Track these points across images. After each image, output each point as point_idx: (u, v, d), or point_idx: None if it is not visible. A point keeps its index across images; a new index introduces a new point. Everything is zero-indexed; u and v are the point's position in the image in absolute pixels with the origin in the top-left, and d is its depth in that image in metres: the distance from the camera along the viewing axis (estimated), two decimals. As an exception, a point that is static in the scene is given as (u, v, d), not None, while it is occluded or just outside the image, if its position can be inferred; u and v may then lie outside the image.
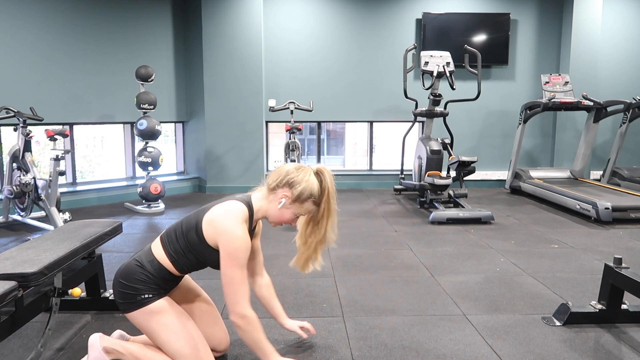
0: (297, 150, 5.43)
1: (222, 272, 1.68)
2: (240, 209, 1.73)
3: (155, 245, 1.83)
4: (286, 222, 1.82)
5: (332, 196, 1.79)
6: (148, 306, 1.72)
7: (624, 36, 6.69)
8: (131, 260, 1.80)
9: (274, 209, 1.79)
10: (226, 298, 1.70)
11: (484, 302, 2.64)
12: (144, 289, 1.73)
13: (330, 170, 1.80)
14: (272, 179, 1.79)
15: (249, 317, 1.71)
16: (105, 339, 1.83)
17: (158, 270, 1.76)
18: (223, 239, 1.67)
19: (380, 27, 6.56)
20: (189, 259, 1.78)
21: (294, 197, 1.75)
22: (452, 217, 4.55)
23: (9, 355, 2.06)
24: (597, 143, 6.76)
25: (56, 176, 4.12)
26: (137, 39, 5.82)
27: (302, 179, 1.75)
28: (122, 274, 1.77)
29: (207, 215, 1.74)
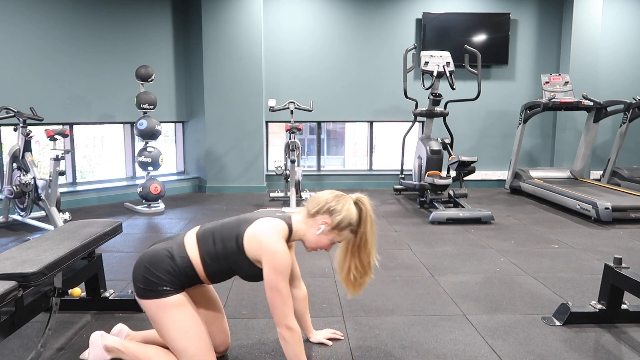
0: (297, 150, 5.43)
1: (269, 286, 1.69)
2: (282, 227, 1.77)
3: (189, 242, 1.82)
4: (322, 248, 1.84)
5: (373, 225, 1.81)
6: (166, 298, 1.73)
7: (624, 36, 6.69)
8: (161, 249, 1.79)
9: (312, 234, 1.80)
10: (274, 311, 1.71)
11: (484, 302, 2.64)
12: (167, 280, 1.73)
13: (369, 200, 1.83)
14: (313, 205, 1.81)
15: (295, 330, 1.73)
16: (106, 337, 1.84)
17: (187, 268, 1.77)
18: (268, 255, 1.69)
19: (380, 27, 6.56)
20: (221, 265, 1.78)
21: (333, 224, 1.77)
22: (452, 217, 4.55)
23: (9, 355, 2.06)
24: (597, 143, 6.76)
25: (56, 176, 4.12)
26: (137, 39, 5.82)
27: (342, 207, 1.78)
28: (149, 260, 1.77)
29: (251, 228, 1.76)
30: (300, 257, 2.00)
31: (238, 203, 5.60)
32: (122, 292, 2.64)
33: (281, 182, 6.34)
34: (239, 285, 2.90)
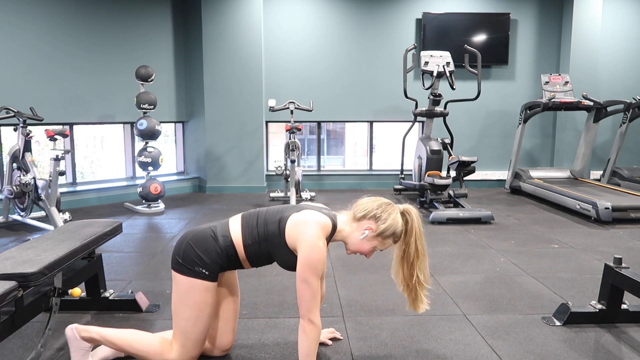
0: (297, 150, 5.43)
1: (300, 278, 1.70)
2: (327, 223, 1.77)
3: (234, 222, 1.85)
4: (363, 253, 1.84)
5: (419, 237, 1.80)
6: (199, 281, 1.76)
7: (624, 36, 6.69)
8: (206, 228, 1.83)
9: (356, 237, 1.81)
10: (301, 303, 1.72)
11: (484, 302, 2.64)
12: (206, 262, 1.77)
13: (417, 211, 1.83)
14: (360, 208, 1.82)
15: (317, 326, 1.74)
16: (80, 328, 1.84)
17: (229, 247, 1.79)
18: (304, 247, 1.70)
19: (380, 27, 6.56)
20: (261, 248, 1.80)
21: (377, 231, 1.78)
22: (452, 217, 4.55)
23: (9, 355, 2.06)
24: (597, 143, 6.76)
25: (56, 176, 4.12)
26: (137, 39, 5.82)
27: (389, 216, 1.78)
28: (194, 238, 1.80)
29: (295, 215, 1.77)
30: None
31: (238, 203, 5.60)
32: (122, 292, 2.64)
33: (281, 182, 6.35)
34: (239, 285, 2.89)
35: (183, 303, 1.78)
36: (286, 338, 2.20)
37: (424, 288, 1.84)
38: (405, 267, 1.82)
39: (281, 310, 2.51)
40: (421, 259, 1.81)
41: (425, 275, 1.83)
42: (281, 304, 2.60)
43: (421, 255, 1.81)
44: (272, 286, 2.87)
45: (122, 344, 1.82)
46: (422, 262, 1.81)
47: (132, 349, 1.82)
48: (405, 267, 1.82)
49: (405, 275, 1.83)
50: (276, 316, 2.44)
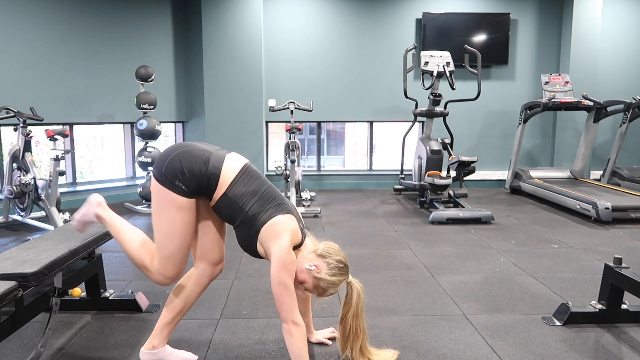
0: (297, 150, 5.43)
1: (276, 282, 1.71)
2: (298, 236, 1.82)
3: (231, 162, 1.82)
4: (296, 281, 1.84)
5: (356, 316, 1.83)
6: (177, 196, 1.74)
7: (624, 36, 6.69)
8: (200, 151, 1.79)
9: (302, 264, 1.82)
10: (280, 306, 1.72)
11: (484, 302, 2.64)
12: (188, 179, 1.74)
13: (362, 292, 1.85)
14: (326, 249, 1.84)
15: (301, 325, 1.75)
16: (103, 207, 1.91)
17: (212, 177, 1.76)
18: (279, 250, 1.72)
19: (380, 27, 6.56)
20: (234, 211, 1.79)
21: (318, 275, 1.80)
22: (452, 217, 4.55)
23: (9, 355, 2.06)
24: (597, 143, 6.76)
25: (56, 176, 4.12)
26: (137, 39, 5.82)
27: (337, 274, 1.80)
28: (185, 154, 1.77)
29: (279, 218, 1.78)
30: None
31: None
32: (122, 292, 2.64)
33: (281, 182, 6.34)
34: (239, 285, 2.90)
35: (159, 216, 1.78)
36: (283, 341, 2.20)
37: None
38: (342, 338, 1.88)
39: (281, 310, 2.50)
40: (354, 339, 1.86)
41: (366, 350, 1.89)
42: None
43: (353, 334, 1.85)
44: (272, 286, 2.87)
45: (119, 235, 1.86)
46: (355, 343, 1.86)
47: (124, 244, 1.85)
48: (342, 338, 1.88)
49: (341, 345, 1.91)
50: (276, 316, 2.44)
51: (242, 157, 1.90)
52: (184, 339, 2.19)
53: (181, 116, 6.38)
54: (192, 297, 1.93)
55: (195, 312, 2.50)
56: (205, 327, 2.32)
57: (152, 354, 1.94)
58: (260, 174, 1.89)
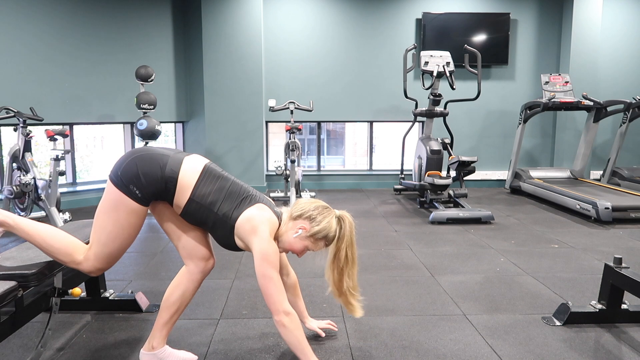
0: (297, 150, 5.43)
1: (261, 274, 1.71)
2: (275, 222, 1.82)
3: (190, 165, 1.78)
4: (294, 251, 1.86)
5: (350, 245, 1.84)
6: (130, 200, 1.70)
7: (624, 36, 6.69)
8: (158, 156, 1.76)
9: (289, 235, 1.83)
10: (268, 298, 1.72)
11: (484, 302, 2.64)
12: (144, 185, 1.71)
13: (352, 220, 1.86)
14: (297, 209, 1.85)
15: (293, 314, 1.74)
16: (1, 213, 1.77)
17: (169, 181, 1.73)
18: (259, 243, 1.72)
19: (380, 27, 6.56)
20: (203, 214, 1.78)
21: (310, 232, 1.81)
22: (452, 217, 4.55)
23: (9, 355, 2.06)
24: (597, 143, 6.76)
25: (56, 176, 4.12)
26: (137, 39, 5.82)
27: (323, 219, 1.81)
28: (141, 158, 1.74)
29: (250, 211, 1.77)
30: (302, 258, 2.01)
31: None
32: (122, 292, 2.64)
33: (281, 182, 6.35)
34: (239, 285, 2.90)
35: (107, 215, 1.73)
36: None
37: (354, 295, 1.91)
38: (335, 271, 1.87)
39: (281, 310, 2.50)
40: (350, 267, 1.87)
41: (354, 282, 1.89)
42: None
43: (350, 262, 1.86)
44: (272, 286, 2.86)
45: (34, 234, 1.73)
46: (352, 270, 1.87)
47: (43, 242, 1.74)
48: (335, 271, 1.87)
49: (335, 280, 1.89)
50: (276, 316, 2.44)
51: (202, 157, 1.87)
52: (184, 339, 2.19)
53: (181, 116, 6.38)
54: (188, 295, 1.93)
55: (195, 312, 2.50)
56: (205, 327, 2.32)
57: (152, 355, 1.94)
58: (222, 172, 1.87)
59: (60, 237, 1.77)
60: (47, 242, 1.74)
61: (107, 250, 1.75)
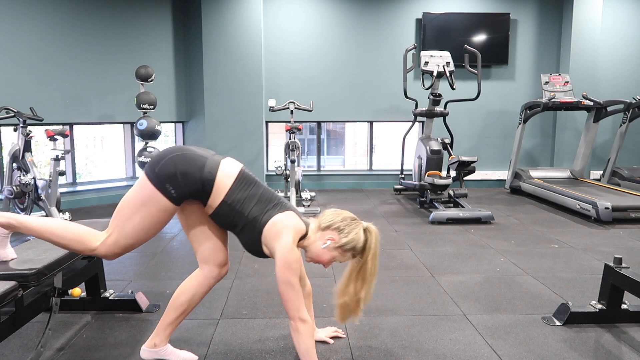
0: (297, 150, 5.43)
1: (282, 281, 1.72)
2: (302, 229, 1.82)
3: (227, 168, 1.80)
4: (321, 262, 1.87)
5: (374, 257, 1.86)
6: (163, 197, 1.71)
7: (624, 36, 6.69)
8: (198, 156, 1.77)
9: (317, 246, 1.84)
10: (287, 304, 1.73)
11: (484, 302, 2.64)
12: (180, 185, 1.72)
13: (378, 232, 1.88)
14: (326, 220, 1.85)
15: (309, 322, 1.76)
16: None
17: (207, 183, 1.75)
18: (282, 249, 1.73)
19: (380, 27, 6.57)
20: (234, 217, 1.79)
21: (339, 243, 1.81)
22: (452, 217, 4.55)
23: (9, 355, 2.06)
24: (597, 143, 6.76)
25: (56, 176, 4.12)
26: (137, 39, 5.82)
27: (352, 230, 1.82)
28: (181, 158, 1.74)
29: (279, 216, 1.79)
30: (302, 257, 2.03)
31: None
32: (122, 292, 2.64)
33: (281, 182, 6.34)
34: (239, 285, 2.90)
35: (136, 208, 1.73)
36: (286, 338, 2.20)
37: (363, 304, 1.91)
38: (359, 282, 1.88)
39: (281, 310, 2.50)
40: (372, 279, 1.88)
41: (370, 294, 1.90)
42: (281, 304, 2.60)
43: (373, 274, 1.88)
44: (272, 286, 2.87)
45: (42, 230, 1.73)
46: (372, 282, 1.88)
47: (53, 235, 1.73)
48: (359, 282, 1.88)
49: (355, 289, 1.88)
50: (276, 316, 2.44)
51: (237, 162, 1.89)
52: (184, 339, 2.19)
53: (181, 116, 6.38)
54: (197, 298, 1.94)
55: (195, 312, 2.50)
56: (205, 327, 2.32)
57: (154, 352, 1.94)
58: (255, 178, 1.89)
59: (69, 228, 1.77)
60: (56, 235, 1.74)
61: (129, 241, 1.76)
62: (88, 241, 1.75)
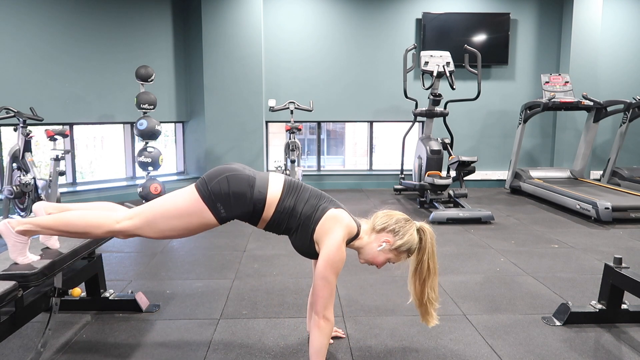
0: (297, 150, 5.43)
1: (321, 276, 1.73)
2: (353, 229, 1.83)
3: (274, 181, 1.84)
4: (376, 263, 1.88)
5: (432, 256, 1.86)
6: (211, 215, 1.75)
7: (624, 36, 6.69)
8: (247, 174, 1.81)
9: (373, 248, 1.85)
10: (318, 300, 1.73)
11: (484, 302, 2.64)
12: (231, 206, 1.75)
13: (432, 231, 1.88)
14: (381, 221, 1.87)
15: (331, 323, 1.77)
16: (13, 222, 1.76)
17: (258, 202, 1.78)
18: (330, 245, 1.74)
19: (380, 27, 6.56)
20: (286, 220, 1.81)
21: (394, 245, 1.83)
22: (452, 217, 4.55)
23: (9, 355, 2.06)
24: (597, 143, 6.76)
25: (56, 176, 4.12)
26: (137, 39, 5.82)
27: (407, 232, 1.83)
28: (234, 177, 1.78)
29: (334, 211, 1.80)
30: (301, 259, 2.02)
31: (238, 203, 5.59)
32: (122, 292, 2.63)
33: (281, 182, 6.33)
34: (239, 285, 2.90)
35: (179, 214, 1.75)
36: (286, 338, 2.20)
37: (434, 305, 1.90)
38: (417, 282, 1.88)
39: (281, 310, 2.51)
40: (432, 277, 1.87)
41: (435, 292, 1.89)
42: (281, 304, 2.60)
43: (432, 273, 1.87)
44: (272, 286, 2.87)
45: (59, 224, 1.75)
46: (433, 280, 1.87)
47: (72, 226, 1.75)
48: (417, 282, 1.88)
49: (417, 291, 1.89)
50: (276, 316, 2.44)
51: (280, 174, 1.93)
52: (184, 339, 2.19)
53: (181, 116, 6.38)
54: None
55: (195, 312, 2.50)
56: (205, 327, 2.32)
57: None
58: (300, 182, 1.92)
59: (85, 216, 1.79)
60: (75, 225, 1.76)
61: (153, 233, 1.78)
62: (104, 225, 1.77)
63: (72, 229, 1.77)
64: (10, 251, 1.77)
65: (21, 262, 1.76)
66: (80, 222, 1.77)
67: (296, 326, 2.33)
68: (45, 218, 1.79)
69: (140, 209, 1.81)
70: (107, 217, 1.79)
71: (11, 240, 1.76)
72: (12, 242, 1.76)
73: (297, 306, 2.57)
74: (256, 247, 3.72)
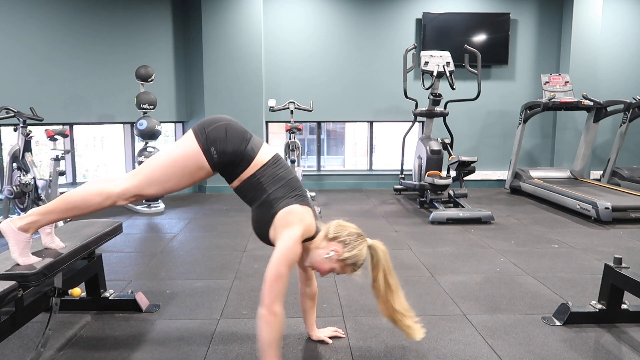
0: (297, 150, 5.43)
1: (273, 267, 1.71)
2: (312, 230, 1.83)
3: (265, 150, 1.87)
4: (319, 270, 1.89)
5: (389, 273, 1.86)
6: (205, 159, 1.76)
7: (624, 36, 6.69)
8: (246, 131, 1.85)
9: (320, 255, 1.85)
10: (267, 290, 1.70)
11: (484, 302, 2.64)
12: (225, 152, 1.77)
13: (385, 249, 1.88)
14: (334, 230, 1.86)
15: (280, 316, 1.73)
16: (15, 220, 1.75)
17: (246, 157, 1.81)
18: (287, 239, 1.74)
19: (380, 27, 6.56)
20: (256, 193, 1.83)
21: (341, 257, 1.83)
22: (452, 217, 4.55)
23: (9, 355, 2.06)
24: (597, 143, 6.76)
25: (56, 176, 4.12)
26: (137, 39, 5.82)
27: (357, 246, 1.84)
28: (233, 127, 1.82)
29: (297, 207, 1.80)
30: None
31: (238, 203, 5.59)
32: (122, 292, 2.64)
33: (281, 182, 6.33)
34: (239, 285, 2.90)
35: (174, 159, 1.78)
36: (286, 338, 2.20)
37: (408, 317, 1.90)
38: (381, 300, 1.89)
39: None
40: (395, 293, 1.88)
41: (403, 306, 1.89)
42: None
43: (393, 290, 1.87)
44: (272, 286, 2.86)
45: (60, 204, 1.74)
46: (396, 296, 1.88)
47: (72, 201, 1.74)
48: (381, 300, 1.89)
49: (383, 309, 1.90)
50: (276, 316, 2.44)
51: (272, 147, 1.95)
52: (184, 339, 2.19)
53: (181, 116, 6.39)
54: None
55: (195, 312, 2.50)
56: (205, 327, 2.32)
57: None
58: (288, 165, 1.93)
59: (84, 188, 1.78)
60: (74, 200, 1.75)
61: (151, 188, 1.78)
62: (104, 191, 1.75)
63: (72, 204, 1.75)
64: (12, 251, 1.76)
65: (22, 262, 1.76)
66: (79, 194, 1.76)
67: (296, 326, 2.33)
68: (44, 205, 1.80)
69: (137, 169, 1.83)
70: (106, 183, 1.78)
71: (13, 239, 1.76)
72: (14, 242, 1.76)
73: (296, 306, 2.57)
74: (256, 247, 3.71)
